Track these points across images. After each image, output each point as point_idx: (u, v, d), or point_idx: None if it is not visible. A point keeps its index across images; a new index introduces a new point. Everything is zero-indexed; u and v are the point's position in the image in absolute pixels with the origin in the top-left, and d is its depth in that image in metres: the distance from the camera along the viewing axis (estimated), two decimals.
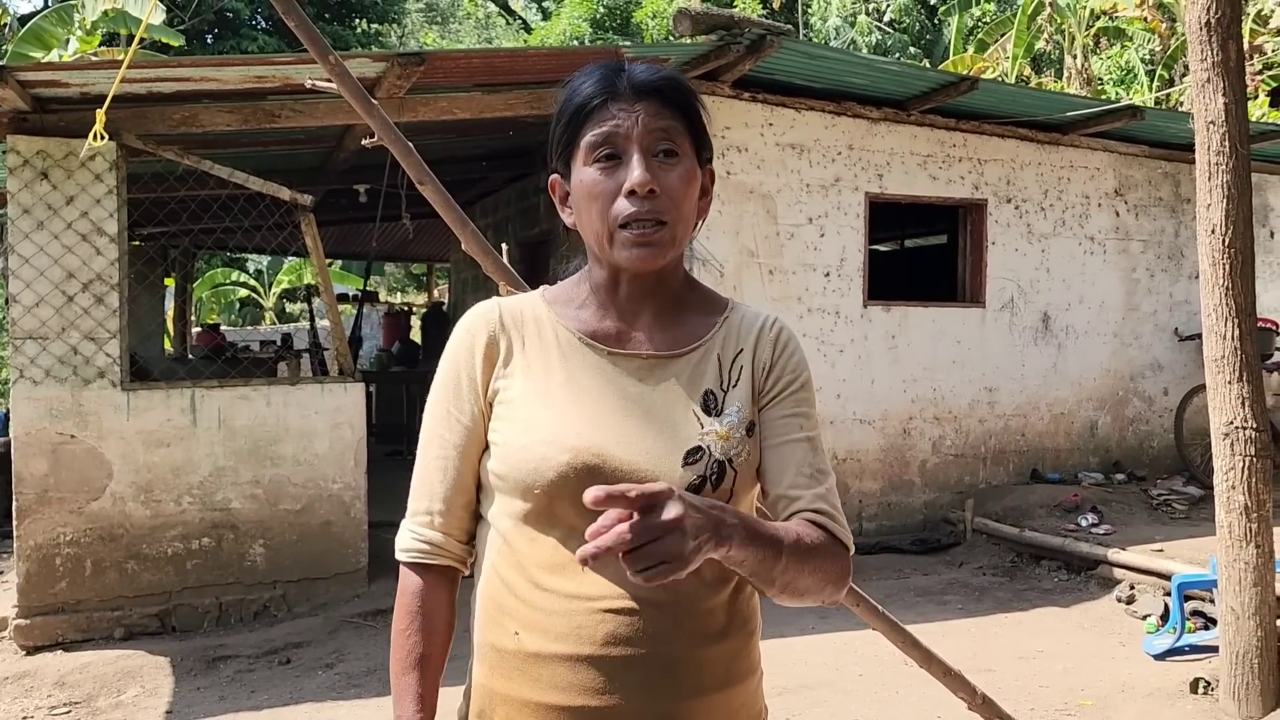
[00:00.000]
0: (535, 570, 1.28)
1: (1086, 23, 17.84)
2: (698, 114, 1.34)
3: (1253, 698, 4.02)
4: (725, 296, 1.47)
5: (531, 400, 1.31)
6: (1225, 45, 3.98)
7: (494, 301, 1.41)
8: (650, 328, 1.36)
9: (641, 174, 1.25)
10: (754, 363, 1.39)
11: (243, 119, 5.84)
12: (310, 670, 5.03)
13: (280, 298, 24.22)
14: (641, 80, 1.29)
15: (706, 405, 1.33)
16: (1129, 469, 7.99)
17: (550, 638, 1.26)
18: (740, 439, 1.33)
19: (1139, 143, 8.08)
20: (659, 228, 1.27)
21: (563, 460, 1.25)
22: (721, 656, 1.31)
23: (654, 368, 1.34)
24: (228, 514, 5.69)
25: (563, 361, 1.34)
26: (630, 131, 1.27)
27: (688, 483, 1.27)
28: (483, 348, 1.35)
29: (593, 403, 1.31)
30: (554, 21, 25.30)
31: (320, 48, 1.92)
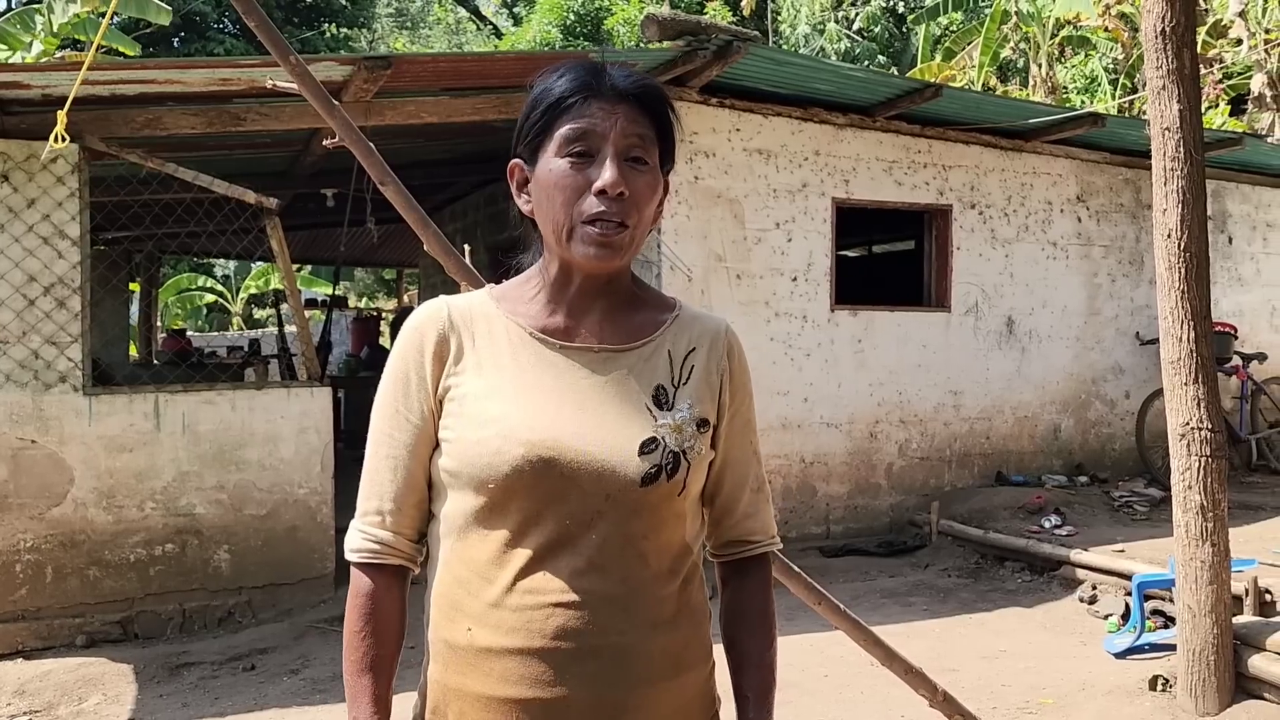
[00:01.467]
0: (487, 566, 1.29)
1: (1051, 31, 18.05)
2: (671, 126, 1.36)
3: (1209, 694, 4.09)
4: (671, 297, 1.49)
5: (484, 396, 1.32)
6: (1180, 53, 4.05)
7: (441, 300, 1.41)
8: (600, 323, 1.37)
9: (614, 175, 1.27)
10: (709, 364, 1.41)
11: (207, 122, 5.81)
12: (275, 676, 4.99)
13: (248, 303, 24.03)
14: (624, 84, 1.31)
15: (658, 399, 1.35)
16: (1091, 471, 8.09)
17: (501, 632, 1.27)
18: (693, 434, 1.35)
19: (1100, 149, 8.20)
20: (620, 229, 1.29)
21: (518, 453, 1.26)
22: (672, 646, 1.33)
23: (605, 360, 1.36)
24: (192, 519, 5.64)
25: (513, 357, 1.35)
26: (607, 132, 1.28)
27: (643, 472, 1.29)
28: (432, 345, 1.35)
29: (545, 396, 1.32)
30: (524, 27, 25.30)
31: (281, 48, 1.93)
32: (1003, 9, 17.59)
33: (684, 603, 1.36)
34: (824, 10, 25.48)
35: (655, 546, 1.33)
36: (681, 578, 1.36)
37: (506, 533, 1.29)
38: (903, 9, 25.82)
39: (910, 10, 25.30)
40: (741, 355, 1.45)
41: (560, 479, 1.27)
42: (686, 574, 1.37)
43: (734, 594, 1.49)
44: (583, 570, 1.28)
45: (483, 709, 1.28)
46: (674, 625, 1.34)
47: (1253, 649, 4.14)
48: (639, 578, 1.30)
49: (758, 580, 1.49)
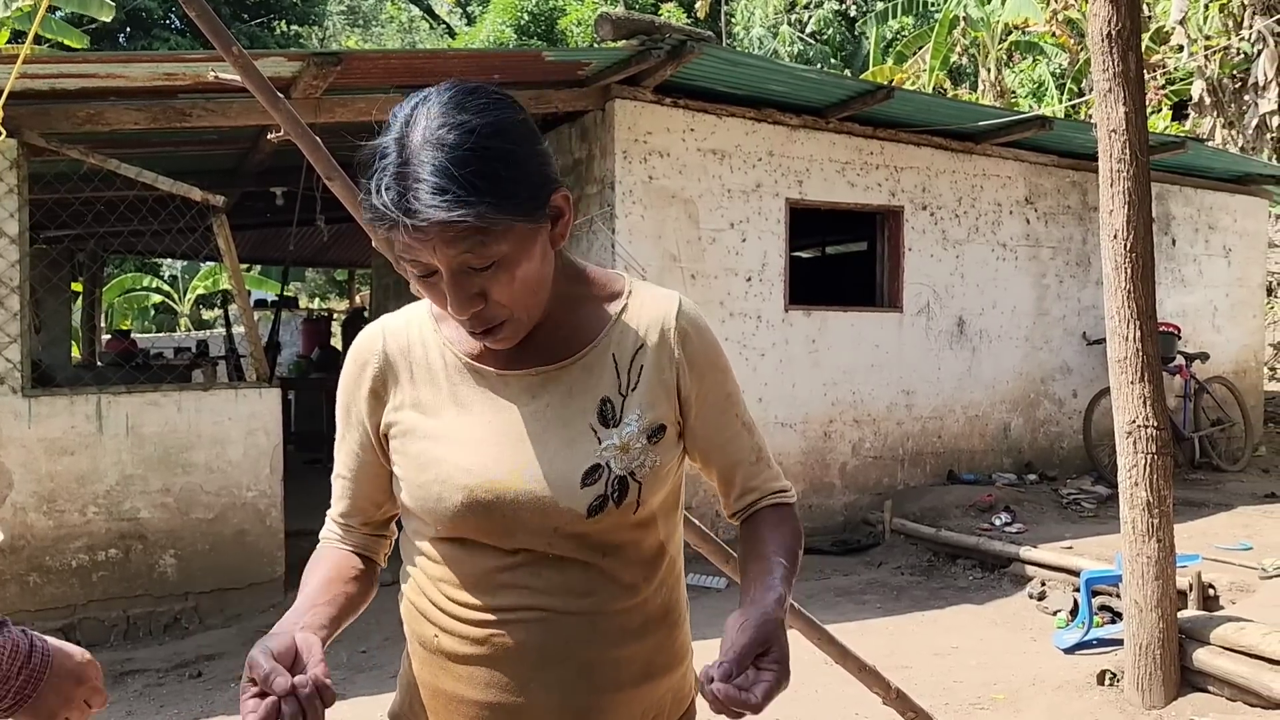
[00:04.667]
0: (448, 587, 1.30)
1: (999, 37, 18.31)
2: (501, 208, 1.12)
3: (1155, 688, 4.16)
4: (622, 277, 1.38)
5: (423, 436, 1.29)
6: (1125, 56, 4.11)
7: (379, 328, 1.35)
8: (537, 338, 1.29)
9: (456, 302, 1.16)
10: (660, 361, 1.31)
11: (151, 118, 5.69)
12: (223, 683, 4.90)
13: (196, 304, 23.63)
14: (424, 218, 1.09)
15: (603, 415, 1.28)
16: (1040, 469, 8.21)
17: (466, 642, 1.28)
18: (642, 448, 1.27)
19: (1048, 152, 8.32)
20: (499, 327, 1.21)
21: (457, 500, 1.24)
22: (639, 654, 1.31)
23: (545, 382, 1.28)
24: (136, 524, 5.52)
25: (451, 390, 1.30)
26: (431, 256, 1.13)
27: (587, 504, 1.24)
28: (369, 383, 1.33)
29: (483, 432, 1.27)
30: (478, 27, 25.19)
31: (224, 39, 1.88)
32: (952, 14, 17.82)
33: (657, 608, 1.34)
34: (777, 13, 25.64)
35: (620, 562, 1.29)
36: (655, 583, 1.33)
37: (466, 557, 1.28)
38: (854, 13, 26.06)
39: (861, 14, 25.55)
40: (699, 333, 1.34)
41: (504, 518, 1.25)
42: (661, 577, 1.34)
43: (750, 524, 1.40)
44: (543, 589, 1.26)
45: (454, 707, 1.30)
46: (642, 633, 1.31)
47: (1197, 643, 4.21)
48: (604, 594, 1.28)
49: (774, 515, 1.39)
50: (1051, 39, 18.41)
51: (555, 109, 6.78)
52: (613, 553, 1.28)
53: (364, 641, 5.29)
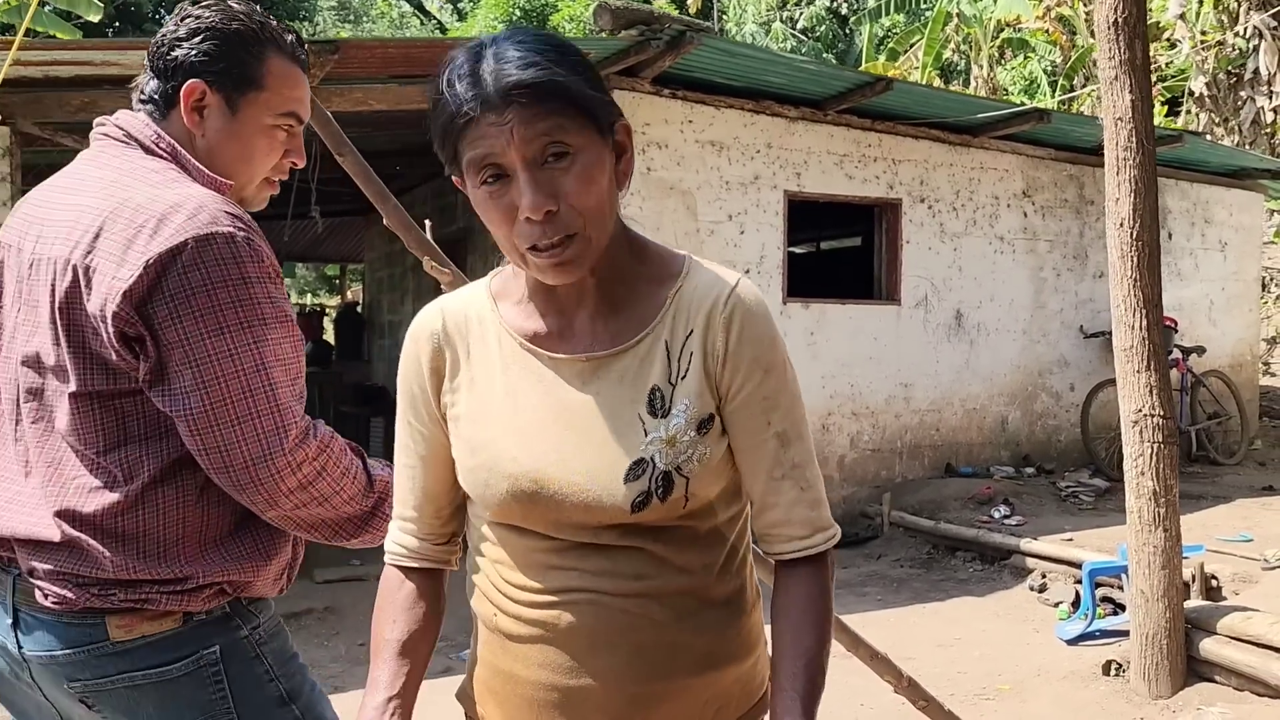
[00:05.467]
0: (502, 568, 1.29)
1: (992, 33, 18.33)
2: (584, 83, 1.14)
3: (1162, 678, 4.14)
4: (681, 256, 1.29)
5: (474, 419, 1.27)
6: (1132, 44, 4.10)
7: (438, 306, 1.32)
8: (593, 319, 1.24)
9: (532, 199, 1.10)
10: (705, 349, 1.22)
11: None
12: None
13: None
14: (507, 81, 1.09)
15: (653, 405, 1.21)
16: (1038, 462, 8.20)
17: (521, 624, 1.26)
18: (690, 441, 1.20)
19: (1045, 145, 8.31)
20: (568, 243, 1.13)
21: (503, 488, 1.23)
22: (698, 641, 1.26)
23: (596, 369, 1.23)
24: None
25: (504, 372, 1.26)
26: (507, 148, 1.10)
27: (631, 500, 1.19)
28: (428, 360, 1.30)
29: (531, 418, 1.23)
30: (469, 22, 25.13)
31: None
32: (945, 11, 17.83)
33: (717, 595, 1.27)
34: (770, 9, 25.65)
35: (672, 547, 1.24)
36: (714, 568, 1.27)
37: (518, 540, 1.27)
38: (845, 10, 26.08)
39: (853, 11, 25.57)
40: (749, 322, 1.22)
41: (548, 509, 1.22)
42: (721, 563, 1.28)
43: (778, 592, 1.28)
44: (593, 572, 1.23)
45: (513, 686, 1.28)
46: (700, 619, 1.26)
47: (1204, 632, 4.20)
48: (655, 577, 1.23)
49: (802, 581, 1.26)
50: (1044, 35, 18.44)
51: None
52: (663, 538, 1.24)
53: (362, 634, 5.24)
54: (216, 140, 1.52)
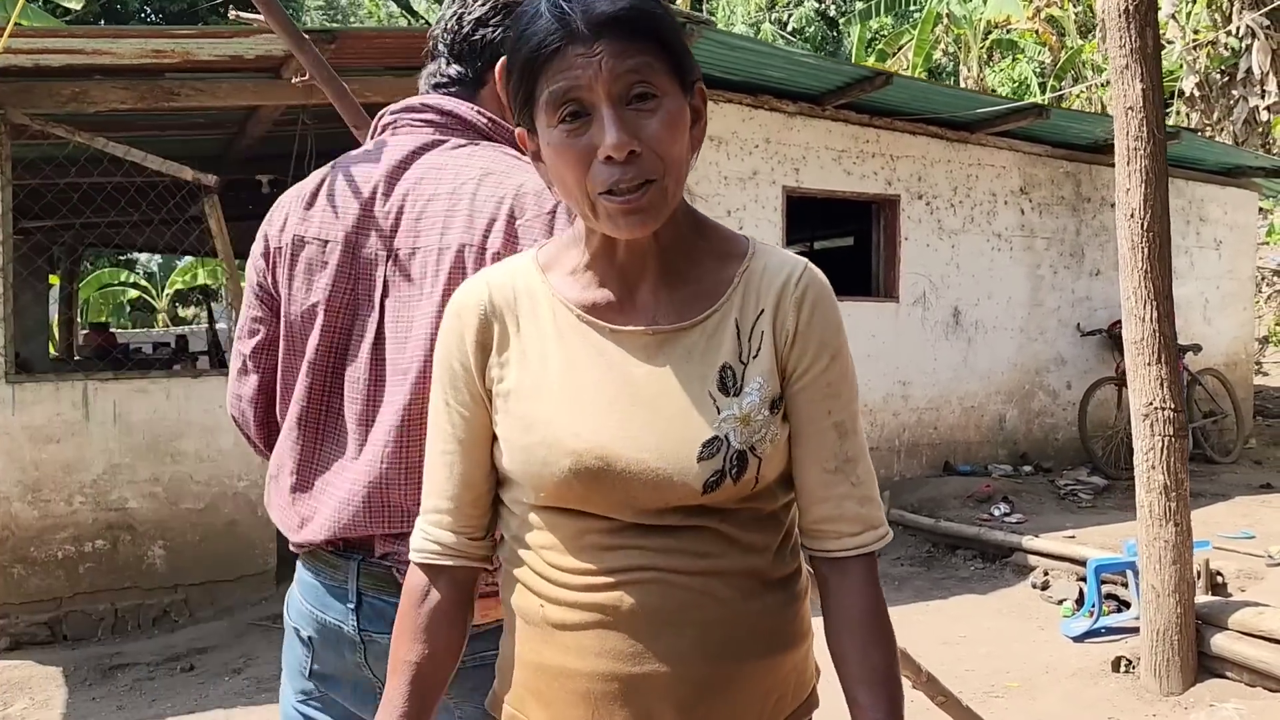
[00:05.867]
0: (552, 553, 1.18)
1: (981, 34, 18.36)
2: (673, 33, 1.11)
3: (1173, 674, 4.10)
4: (745, 236, 1.25)
5: (528, 394, 1.18)
6: (1143, 32, 4.06)
7: (482, 278, 1.24)
8: (655, 292, 1.18)
9: (615, 135, 1.05)
10: (775, 328, 1.17)
11: (138, 96, 5.54)
12: (216, 676, 4.77)
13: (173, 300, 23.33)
14: (600, 11, 1.05)
15: (724, 383, 1.16)
16: (1036, 460, 8.18)
17: (575, 610, 1.16)
18: (764, 420, 1.16)
19: (1042, 142, 8.29)
20: (646, 188, 1.08)
21: (564, 465, 1.13)
22: (761, 622, 1.20)
23: (662, 344, 1.17)
24: (124, 514, 5.37)
25: (560, 344, 1.18)
26: (594, 82, 1.05)
27: (704, 480, 1.13)
28: (474, 333, 1.21)
29: (594, 393, 1.16)
30: None
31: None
32: (935, 12, 17.85)
33: (777, 576, 1.22)
34: (759, 9, 25.68)
35: (736, 525, 1.18)
36: (773, 551, 1.21)
37: (572, 523, 1.17)
38: (834, 12, 26.13)
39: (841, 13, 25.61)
40: (820, 303, 1.18)
41: (613, 489, 1.13)
42: (778, 545, 1.22)
43: (829, 597, 1.23)
44: (657, 549, 1.15)
45: (563, 681, 1.18)
46: (763, 599, 1.20)
47: (1215, 628, 4.16)
48: (720, 554, 1.17)
49: (855, 583, 1.21)
50: (1033, 37, 18.48)
51: None
52: (730, 518, 1.18)
53: None
54: None
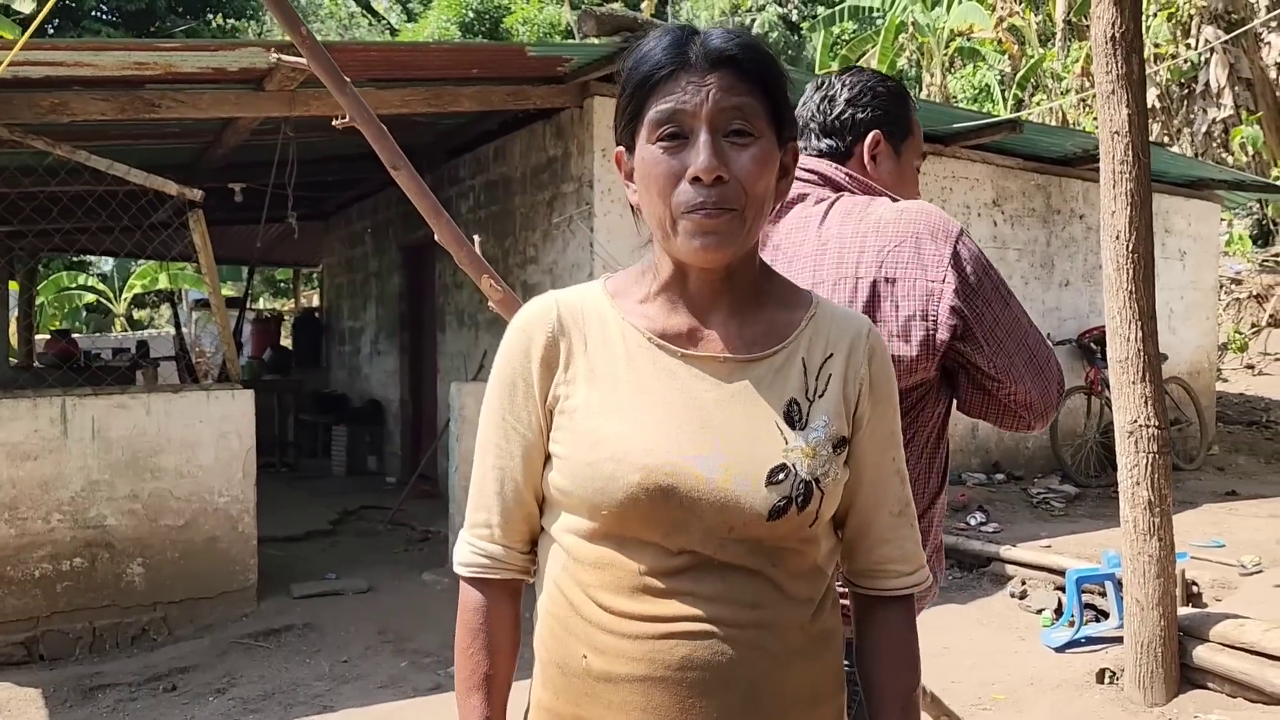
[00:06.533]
0: (603, 593, 1.18)
1: (944, 42, 18.58)
2: (779, 86, 1.20)
3: (1157, 685, 4.19)
4: (808, 291, 1.32)
5: (597, 411, 1.19)
6: (1129, 58, 4.15)
7: (551, 298, 1.27)
8: (725, 324, 1.23)
9: (707, 158, 1.12)
10: (847, 373, 1.25)
11: (119, 108, 5.46)
12: (200, 696, 4.71)
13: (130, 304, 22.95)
14: (716, 47, 1.15)
15: (790, 417, 1.20)
16: (1008, 469, 8.29)
17: (622, 661, 1.16)
18: (828, 457, 1.21)
19: (1014, 155, 8.41)
20: (725, 214, 1.14)
21: (633, 480, 1.14)
22: (806, 677, 1.22)
23: (731, 372, 1.21)
24: (102, 531, 5.29)
25: (629, 365, 1.21)
26: (699, 108, 1.13)
27: (770, 505, 1.16)
28: (540, 350, 1.22)
29: (664, 413, 1.18)
30: (421, 24, 24.86)
31: (291, 19, 1.77)
32: (899, 19, 18.03)
33: (819, 630, 1.24)
34: (722, 14, 25.78)
35: (786, 573, 1.21)
36: (816, 604, 1.24)
37: (625, 558, 1.17)
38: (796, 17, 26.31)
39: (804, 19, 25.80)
40: (885, 359, 1.29)
41: (680, 508, 1.15)
42: (821, 598, 1.26)
43: (874, 630, 1.32)
44: (709, 597, 1.16)
45: None
46: (807, 654, 1.22)
47: (1197, 640, 4.26)
48: (770, 604, 1.19)
49: (900, 618, 1.32)
50: (995, 45, 18.73)
51: (532, 105, 6.68)
52: (781, 562, 1.20)
53: (344, 651, 5.13)
54: (886, 180, 1.81)
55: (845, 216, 1.68)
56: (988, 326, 1.61)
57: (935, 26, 18.18)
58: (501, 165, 7.89)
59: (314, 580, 6.17)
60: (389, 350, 10.24)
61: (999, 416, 1.69)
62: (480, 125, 7.74)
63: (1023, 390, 1.63)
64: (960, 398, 1.71)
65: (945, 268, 1.59)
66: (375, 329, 10.67)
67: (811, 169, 1.78)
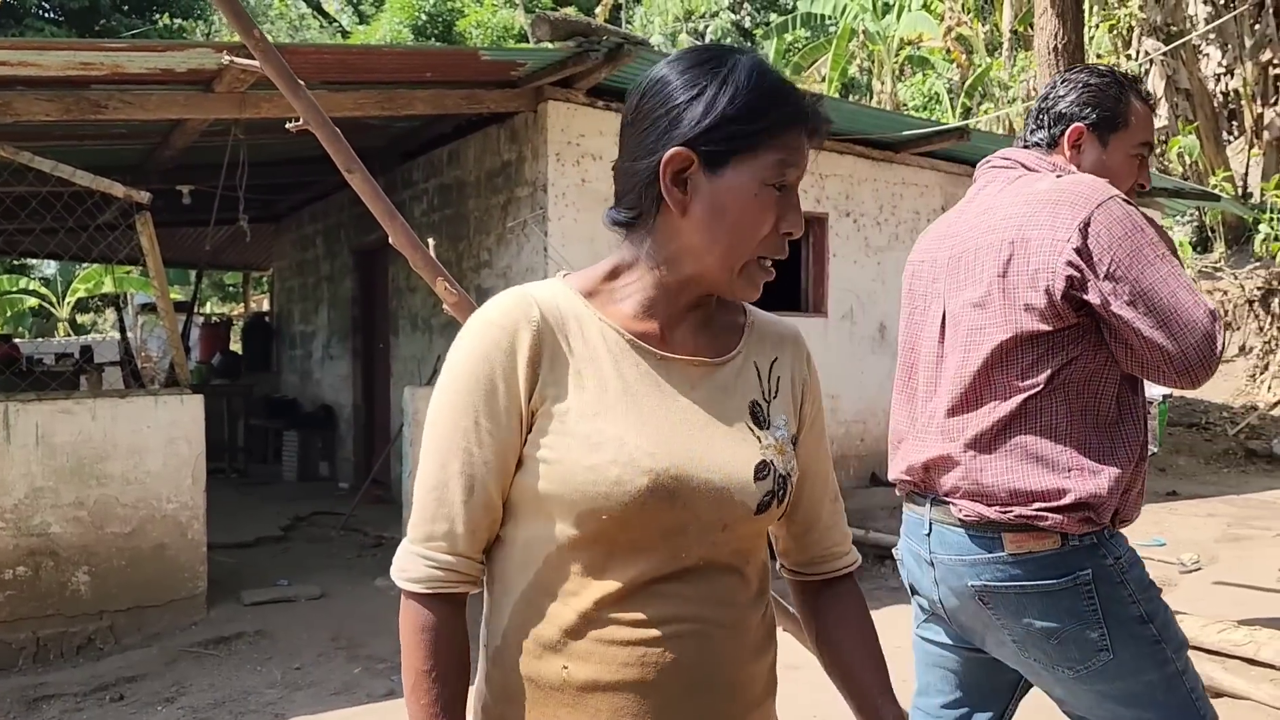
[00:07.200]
0: (587, 599, 1.16)
1: (894, 50, 18.84)
2: None
3: None
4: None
5: (591, 414, 1.16)
6: (1071, 68, 4.25)
7: (525, 293, 1.21)
8: (690, 330, 1.25)
9: (800, 220, 1.22)
10: (793, 375, 1.32)
11: (64, 109, 5.39)
12: (149, 706, 4.64)
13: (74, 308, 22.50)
14: (826, 123, 1.25)
15: (755, 417, 1.25)
16: None
17: (612, 667, 1.16)
18: (791, 454, 1.27)
19: (962, 162, 8.56)
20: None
21: (641, 484, 1.13)
22: (762, 670, 1.27)
23: (703, 375, 1.24)
24: (47, 539, 5.19)
25: (615, 367, 1.19)
26: (802, 171, 1.22)
27: (758, 500, 1.20)
28: (527, 348, 1.16)
29: (655, 415, 1.18)
30: (373, 26, 24.70)
31: (244, 22, 1.76)
32: (850, 27, 18.26)
33: (768, 626, 1.30)
34: (676, 20, 25.92)
35: (754, 569, 1.26)
36: (766, 600, 1.30)
37: (611, 562, 1.16)
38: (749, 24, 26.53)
39: (756, 26, 26.03)
40: (813, 360, 1.38)
41: (682, 509, 1.16)
42: (768, 592, 1.32)
43: (837, 603, 1.40)
44: (697, 598, 1.18)
45: None
46: (764, 650, 1.28)
47: None
48: (743, 602, 1.23)
49: (854, 587, 1.43)
50: (943, 54, 19.03)
51: (486, 109, 6.67)
52: (752, 559, 1.25)
53: (297, 658, 5.08)
54: (1089, 168, 1.99)
55: (1010, 191, 1.93)
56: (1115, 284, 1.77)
57: (886, 35, 18.44)
58: (455, 169, 7.87)
59: (265, 587, 6.11)
60: (341, 355, 10.16)
61: (1144, 370, 1.83)
62: (434, 129, 7.72)
63: (1155, 347, 1.76)
64: (1114, 353, 1.85)
65: (1073, 229, 1.79)
66: (327, 333, 10.58)
67: (1009, 157, 2.05)
